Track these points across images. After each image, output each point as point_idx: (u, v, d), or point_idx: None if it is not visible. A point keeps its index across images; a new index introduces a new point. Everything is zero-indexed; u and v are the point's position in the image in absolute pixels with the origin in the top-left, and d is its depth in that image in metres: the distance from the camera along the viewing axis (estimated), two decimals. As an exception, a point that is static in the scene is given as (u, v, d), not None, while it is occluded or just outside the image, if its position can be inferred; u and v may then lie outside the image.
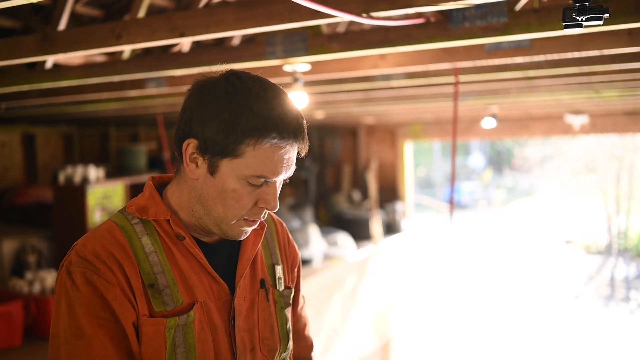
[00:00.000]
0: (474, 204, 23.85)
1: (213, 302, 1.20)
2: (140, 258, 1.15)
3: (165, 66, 2.65)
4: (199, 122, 1.13)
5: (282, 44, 2.32)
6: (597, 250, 16.06)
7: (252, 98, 1.12)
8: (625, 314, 11.48)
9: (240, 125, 1.10)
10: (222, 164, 1.13)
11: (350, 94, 4.13)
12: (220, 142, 1.11)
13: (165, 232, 1.19)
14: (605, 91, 4.12)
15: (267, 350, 1.27)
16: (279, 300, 1.32)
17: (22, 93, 3.51)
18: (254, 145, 1.11)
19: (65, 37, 2.14)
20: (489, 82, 3.55)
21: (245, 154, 1.11)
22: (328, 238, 6.69)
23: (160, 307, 1.14)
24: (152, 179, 1.28)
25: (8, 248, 4.46)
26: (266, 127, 1.10)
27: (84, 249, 1.14)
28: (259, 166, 1.12)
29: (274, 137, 1.11)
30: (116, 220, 1.20)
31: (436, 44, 2.11)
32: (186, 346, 1.15)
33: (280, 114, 1.12)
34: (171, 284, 1.16)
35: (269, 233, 1.38)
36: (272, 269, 1.34)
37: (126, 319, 1.11)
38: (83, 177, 4.70)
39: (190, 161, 1.16)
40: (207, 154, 1.13)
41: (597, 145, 15.84)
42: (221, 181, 1.14)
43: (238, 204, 1.15)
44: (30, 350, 3.55)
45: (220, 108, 1.11)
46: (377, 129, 8.50)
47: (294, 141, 1.14)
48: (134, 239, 1.16)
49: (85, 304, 1.10)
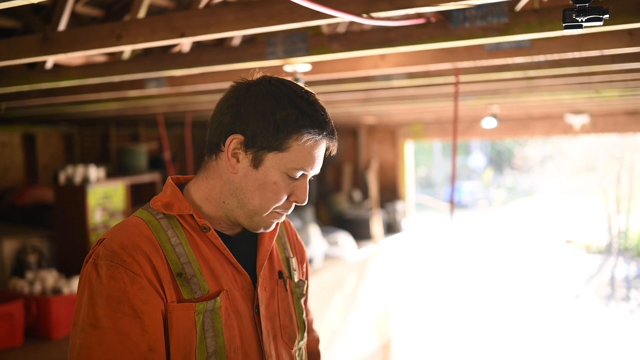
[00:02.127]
0: (475, 204, 23.86)
1: (237, 291, 1.27)
2: (167, 249, 1.20)
3: (165, 66, 2.65)
4: (247, 119, 1.23)
5: (283, 44, 2.33)
6: (598, 249, 16.07)
7: (298, 99, 1.24)
8: (625, 313, 11.49)
9: (291, 122, 1.21)
10: (268, 158, 1.23)
11: (350, 94, 4.13)
12: (271, 137, 1.22)
13: (189, 226, 1.25)
14: (605, 91, 4.12)
15: (287, 338, 1.34)
16: (295, 290, 1.41)
17: (23, 93, 3.51)
18: (300, 140, 1.22)
19: (66, 37, 2.14)
20: (489, 82, 3.54)
21: (291, 148, 1.22)
22: (329, 238, 6.69)
23: (188, 294, 1.19)
24: (171, 178, 1.36)
25: (9, 248, 4.46)
26: (312, 125, 1.23)
27: (112, 242, 1.18)
28: (301, 160, 1.23)
29: (317, 134, 1.24)
30: (141, 216, 1.26)
31: (437, 44, 2.11)
32: (214, 331, 1.20)
33: (321, 114, 1.26)
34: (197, 274, 1.21)
35: (280, 230, 1.47)
36: (287, 262, 1.43)
37: (152, 308, 1.15)
38: (83, 177, 4.70)
39: (232, 156, 1.25)
40: (253, 149, 1.23)
41: (598, 145, 15.83)
42: (264, 174, 1.24)
43: (276, 195, 1.24)
44: (31, 350, 3.56)
45: (270, 106, 1.22)
46: (378, 128, 8.50)
47: (329, 139, 1.28)
48: (160, 232, 1.22)
49: (106, 296, 1.13)
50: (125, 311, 1.12)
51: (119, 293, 1.13)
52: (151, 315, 1.14)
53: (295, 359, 1.37)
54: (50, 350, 3.55)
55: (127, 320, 1.12)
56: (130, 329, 1.12)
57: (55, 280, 3.95)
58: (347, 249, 6.64)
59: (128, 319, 1.12)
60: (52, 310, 3.71)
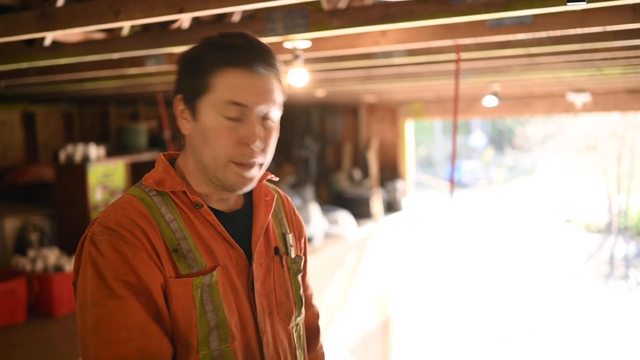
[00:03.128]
0: (475, 183, 23.89)
1: (232, 267, 1.25)
2: (161, 225, 1.19)
3: (164, 43, 2.64)
4: (179, 77, 1.23)
5: (283, 21, 2.31)
6: (597, 228, 16.12)
7: (216, 38, 1.20)
8: (624, 292, 11.56)
9: (206, 60, 1.17)
10: (200, 105, 1.19)
11: (351, 72, 4.11)
12: (193, 81, 1.19)
13: (182, 202, 1.23)
14: (607, 69, 4.10)
15: (284, 314, 1.33)
16: (292, 266, 1.39)
17: (21, 71, 3.49)
18: (222, 74, 1.17)
19: (64, 14, 2.12)
20: (490, 60, 3.52)
21: (216, 86, 1.17)
22: (329, 216, 6.70)
23: (185, 269, 1.18)
24: (163, 154, 1.33)
25: (10, 226, 4.48)
26: (228, 55, 1.17)
27: (107, 219, 1.17)
28: (228, 93, 1.17)
29: (240, 63, 1.16)
30: (134, 193, 1.24)
31: (437, 20, 2.09)
32: (214, 305, 1.19)
33: (243, 43, 1.18)
34: (193, 249, 1.20)
35: (276, 205, 1.43)
36: (283, 238, 1.40)
37: (154, 281, 1.14)
38: (84, 155, 4.70)
39: (182, 118, 1.23)
40: (189, 103, 1.21)
41: (599, 123, 15.79)
42: (203, 123, 1.19)
43: (218, 141, 1.18)
44: (33, 327, 3.59)
45: (190, 54, 1.22)
46: (378, 107, 8.47)
47: (262, 66, 1.19)
48: (153, 209, 1.20)
49: (113, 269, 1.12)
50: (133, 282, 1.12)
51: (124, 264, 1.12)
52: (155, 286, 1.14)
53: (293, 335, 1.36)
54: (53, 326, 3.59)
55: (137, 289, 1.12)
56: (142, 298, 1.12)
57: (57, 258, 3.98)
58: (347, 228, 6.67)
59: (137, 289, 1.12)
60: (54, 287, 3.74)
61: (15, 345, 3.29)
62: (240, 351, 1.22)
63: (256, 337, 1.26)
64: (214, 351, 1.18)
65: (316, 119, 8.65)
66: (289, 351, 1.34)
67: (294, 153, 8.51)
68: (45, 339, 3.37)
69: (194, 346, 1.17)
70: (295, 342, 1.36)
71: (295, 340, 1.36)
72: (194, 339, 1.16)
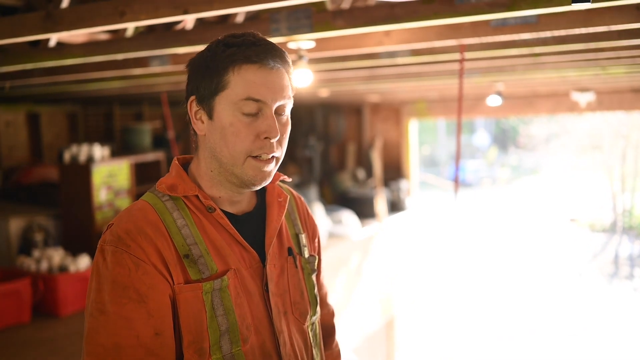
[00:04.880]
0: (479, 182, 23.84)
1: (246, 269, 1.26)
2: (172, 231, 1.20)
3: (168, 44, 2.64)
4: (192, 77, 1.24)
5: (287, 21, 2.31)
6: (602, 228, 16.08)
7: (227, 38, 1.22)
8: (629, 291, 11.53)
9: (218, 58, 1.19)
10: (216, 103, 1.20)
11: (354, 72, 4.11)
12: (208, 80, 1.20)
13: (195, 207, 1.24)
14: (612, 68, 4.09)
15: (299, 314, 1.34)
16: (306, 266, 1.40)
17: (26, 72, 3.51)
18: (238, 71, 1.18)
19: (69, 15, 2.13)
20: (494, 59, 3.52)
21: (230, 83, 1.19)
22: (333, 216, 6.71)
23: (196, 275, 1.19)
24: (177, 159, 1.33)
25: (15, 227, 4.50)
26: (240, 52, 1.18)
27: (118, 227, 1.18)
28: (245, 89, 1.18)
29: (255, 59, 1.18)
30: (147, 199, 1.25)
31: (442, 20, 2.09)
32: (224, 309, 1.20)
33: (250, 39, 1.21)
34: (205, 254, 1.21)
35: (290, 206, 1.44)
36: (296, 238, 1.41)
37: (158, 292, 1.15)
38: (88, 155, 4.71)
39: (197, 119, 1.24)
40: (203, 102, 1.22)
41: (603, 122, 15.74)
42: (219, 121, 1.20)
43: (238, 137, 1.20)
44: (38, 327, 3.60)
45: (203, 55, 1.23)
46: (382, 107, 8.47)
47: (273, 61, 1.21)
48: (165, 214, 1.22)
49: (111, 281, 1.14)
50: (130, 296, 1.13)
51: (124, 278, 1.14)
52: (157, 299, 1.15)
53: (308, 334, 1.37)
54: (58, 326, 3.60)
55: (132, 305, 1.13)
56: (135, 314, 1.13)
57: (62, 258, 3.99)
58: (351, 227, 6.66)
59: (133, 304, 1.13)
60: (59, 287, 3.75)
61: (20, 345, 3.30)
62: (255, 352, 1.23)
63: (271, 338, 1.27)
64: (225, 355, 1.19)
65: (320, 119, 8.66)
66: (305, 350, 1.35)
67: (298, 153, 8.51)
68: (50, 339, 3.38)
69: (207, 350, 1.18)
70: (311, 341, 1.38)
71: (311, 339, 1.38)
72: (206, 343, 1.18)
